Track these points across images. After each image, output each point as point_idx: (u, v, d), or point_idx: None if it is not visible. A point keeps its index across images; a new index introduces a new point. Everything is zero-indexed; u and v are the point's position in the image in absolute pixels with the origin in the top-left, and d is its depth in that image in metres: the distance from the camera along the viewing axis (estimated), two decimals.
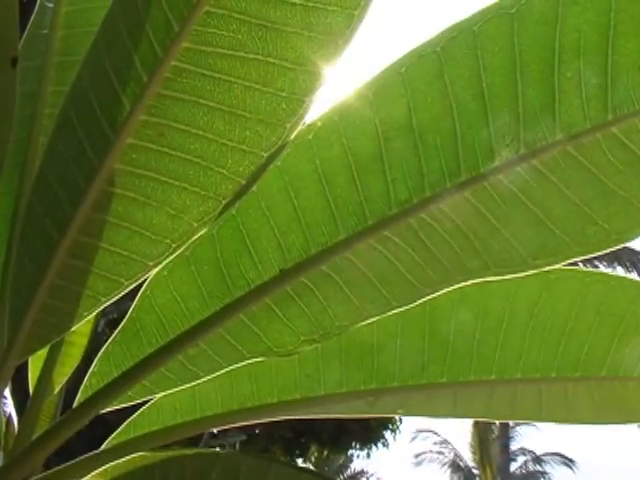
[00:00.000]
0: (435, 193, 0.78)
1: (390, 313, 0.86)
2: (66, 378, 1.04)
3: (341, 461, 19.98)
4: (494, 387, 0.99)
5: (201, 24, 0.73)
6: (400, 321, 0.97)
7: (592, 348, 0.98)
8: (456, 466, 20.27)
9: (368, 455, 12.62)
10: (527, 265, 0.83)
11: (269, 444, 10.53)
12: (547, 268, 0.83)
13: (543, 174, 0.78)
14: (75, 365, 1.04)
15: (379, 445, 11.81)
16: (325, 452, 13.29)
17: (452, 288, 0.85)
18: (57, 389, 1.04)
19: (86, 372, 0.90)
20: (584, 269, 1.00)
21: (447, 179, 0.78)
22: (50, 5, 0.98)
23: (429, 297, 0.85)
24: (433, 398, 0.99)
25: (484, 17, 0.78)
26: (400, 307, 0.85)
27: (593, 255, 0.84)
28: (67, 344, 1.03)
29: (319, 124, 0.80)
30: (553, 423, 1.04)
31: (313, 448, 12.26)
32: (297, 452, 11.14)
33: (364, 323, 0.86)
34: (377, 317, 0.85)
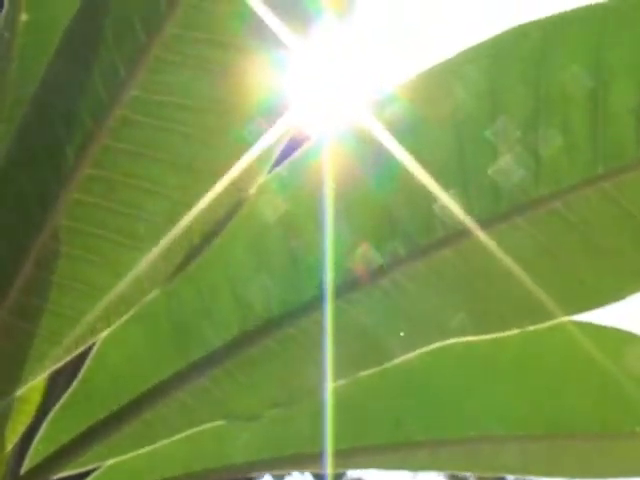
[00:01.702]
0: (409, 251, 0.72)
1: None
2: (18, 436, 0.97)
3: None
4: (476, 444, 0.92)
5: (152, 70, 0.67)
6: (375, 374, 0.90)
7: (581, 403, 0.92)
8: None
9: None
10: (509, 325, 0.77)
11: None
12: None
13: (563, 216, 0.71)
14: (28, 422, 0.97)
15: None
16: None
17: (430, 348, 0.79)
18: (9, 447, 0.97)
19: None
20: (574, 320, 0.94)
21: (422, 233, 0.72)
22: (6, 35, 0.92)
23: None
24: (410, 455, 0.93)
25: (489, 50, 0.71)
26: (375, 367, 0.79)
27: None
28: (19, 400, 0.97)
29: (284, 174, 0.74)
30: (538, 477, 0.99)
31: None
32: None
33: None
34: (349, 379, 0.79)
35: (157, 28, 0.66)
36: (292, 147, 0.73)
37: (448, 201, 0.70)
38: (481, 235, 0.71)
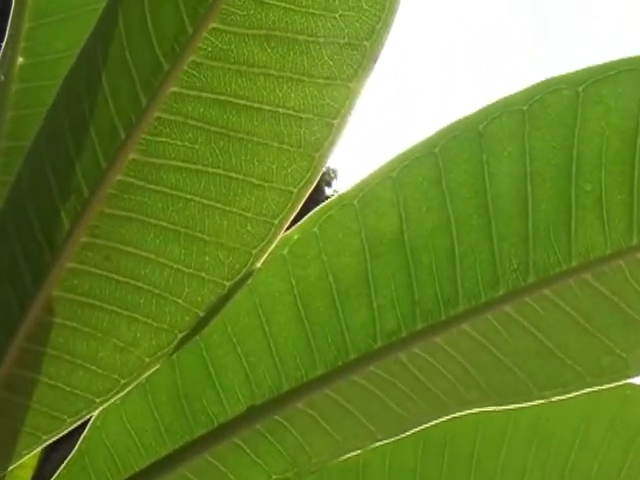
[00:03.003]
0: (428, 324, 0.67)
1: None
2: None
3: None
4: None
5: (151, 132, 0.62)
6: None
7: (603, 465, 0.87)
8: None
9: None
10: (533, 396, 0.71)
11: None
12: None
13: (555, 303, 0.66)
14: None
15: None
16: None
17: (448, 417, 0.74)
18: None
19: None
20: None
21: (442, 308, 0.67)
22: (2, 78, 0.87)
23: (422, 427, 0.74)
24: None
25: (491, 114, 0.66)
26: (388, 439, 0.74)
27: None
28: (10, 477, 0.92)
29: (295, 237, 0.69)
30: None
31: None
32: None
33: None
34: (361, 450, 0.74)
35: (158, 87, 0.61)
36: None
37: (470, 275, 0.65)
38: (505, 308, 0.66)
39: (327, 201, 0.68)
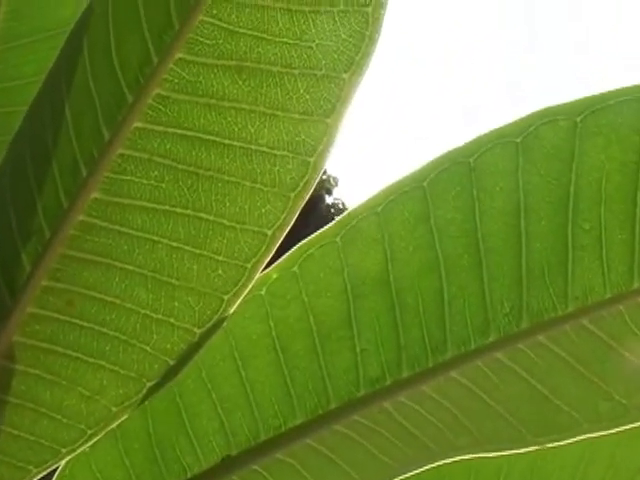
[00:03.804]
0: (414, 372, 0.63)
1: None
2: None
3: None
4: None
5: (114, 170, 0.58)
6: None
7: None
8: None
9: None
10: (527, 442, 0.67)
11: None
12: None
13: (550, 349, 0.62)
14: None
15: None
16: None
17: (437, 464, 0.69)
18: None
19: None
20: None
21: (430, 354, 0.62)
22: None
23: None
24: None
25: (482, 146, 0.62)
26: None
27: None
28: None
29: (274, 276, 0.65)
30: None
31: None
32: None
33: None
34: None
35: (121, 121, 0.57)
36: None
37: (459, 319, 0.61)
38: (497, 355, 0.62)
39: (307, 238, 0.64)
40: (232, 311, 0.59)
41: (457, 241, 0.62)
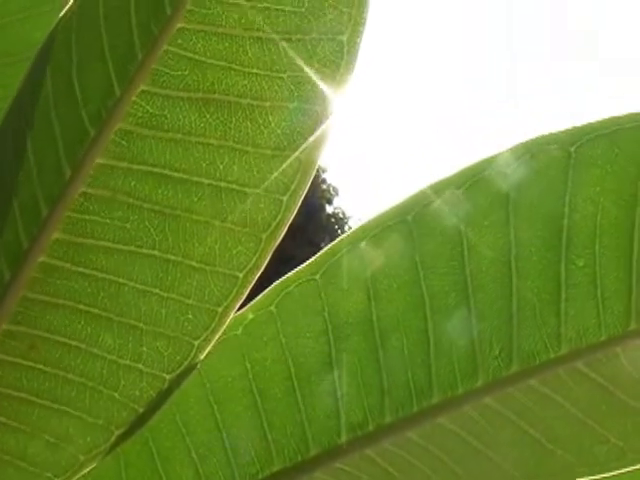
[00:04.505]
0: (398, 417, 0.59)
1: None
2: None
3: None
4: None
5: (76, 209, 0.54)
6: None
7: None
8: None
9: None
10: None
11: None
12: None
13: (542, 393, 0.58)
14: None
15: None
16: None
17: None
18: None
19: None
20: None
21: (415, 399, 0.59)
22: None
23: None
24: None
25: (470, 178, 0.58)
26: None
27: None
28: None
29: (250, 316, 0.61)
30: None
31: None
32: None
33: None
34: None
35: (83, 157, 0.54)
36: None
37: (445, 361, 0.58)
38: (485, 400, 0.58)
39: (285, 276, 0.60)
40: (205, 355, 0.56)
41: (444, 278, 0.58)
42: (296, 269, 0.61)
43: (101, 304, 0.55)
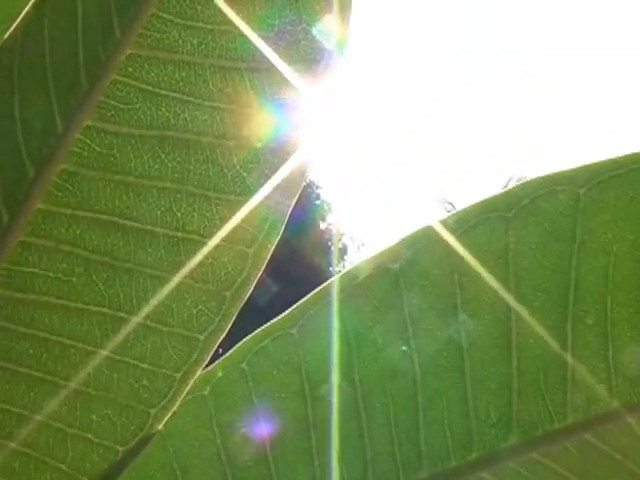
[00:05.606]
0: None
1: None
2: None
3: None
4: None
5: (14, 260, 0.47)
6: None
7: None
8: None
9: None
10: None
11: None
12: None
13: (545, 465, 0.52)
14: None
15: None
16: None
17: None
18: None
19: None
20: None
21: (400, 472, 0.52)
22: None
23: None
24: None
25: (466, 222, 0.51)
26: None
27: None
28: None
29: (219, 374, 0.54)
30: None
31: None
32: None
33: None
34: None
35: (22, 201, 0.47)
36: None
37: (436, 429, 0.51)
38: (481, 474, 0.51)
39: (258, 330, 0.54)
40: (160, 427, 0.49)
41: (435, 334, 0.52)
42: (270, 322, 0.54)
43: (44, 367, 0.49)
